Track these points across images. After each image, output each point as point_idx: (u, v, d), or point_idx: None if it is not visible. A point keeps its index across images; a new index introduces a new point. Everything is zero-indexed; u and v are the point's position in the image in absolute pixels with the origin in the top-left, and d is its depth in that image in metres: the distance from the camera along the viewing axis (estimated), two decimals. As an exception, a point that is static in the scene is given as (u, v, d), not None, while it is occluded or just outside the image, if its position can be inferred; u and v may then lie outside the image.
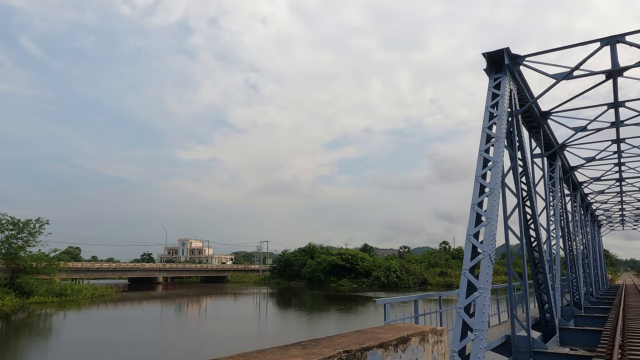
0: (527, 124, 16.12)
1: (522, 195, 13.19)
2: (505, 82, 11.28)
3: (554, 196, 18.82)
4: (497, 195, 9.18)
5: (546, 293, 13.90)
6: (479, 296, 7.71)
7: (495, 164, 9.55)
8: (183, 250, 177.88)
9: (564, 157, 21.33)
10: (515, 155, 11.93)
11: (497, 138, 10.06)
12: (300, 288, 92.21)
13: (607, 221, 46.64)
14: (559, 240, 18.29)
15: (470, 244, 8.49)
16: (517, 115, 12.08)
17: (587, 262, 31.39)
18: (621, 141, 19.06)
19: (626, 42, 10.66)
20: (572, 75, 11.43)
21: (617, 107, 15.13)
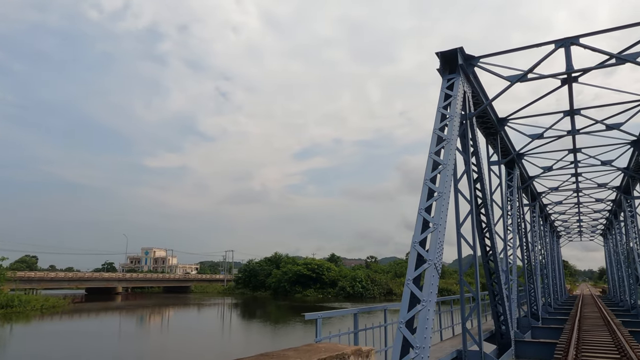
0: (484, 130, 15.77)
1: (477, 202, 12.71)
2: (459, 83, 10.78)
3: (512, 205, 18.55)
4: (446, 200, 8.56)
5: (501, 304, 13.42)
6: (421, 309, 7.01)
7: (445, 167, 8.95)
8: (146, 259, 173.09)
9: (523, 166, 21.19)
10: (469, 159, 11.42)
11: (448, 140, 9.49)
12: (265, 298, 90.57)
13: (566, 232, 47.43)
14: (516, 250, 17.97)
15: (416, 252, 7.81)
16: (471, 118, 11.60)
17: (545, 272, 31.52)
18: (577, 151, 19.01)
19: (580, 45, 10.33)
20: (526, 77, 11.04)
21: (572, 115, 14.95)
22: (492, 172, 15.99)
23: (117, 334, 36.09)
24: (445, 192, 8.63)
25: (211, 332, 36.83)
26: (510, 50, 11.30)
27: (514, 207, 18.51)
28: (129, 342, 31.02)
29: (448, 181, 8.86)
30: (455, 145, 9.70)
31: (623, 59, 9.97)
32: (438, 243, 7.87)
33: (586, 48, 10.27)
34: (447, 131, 9.72)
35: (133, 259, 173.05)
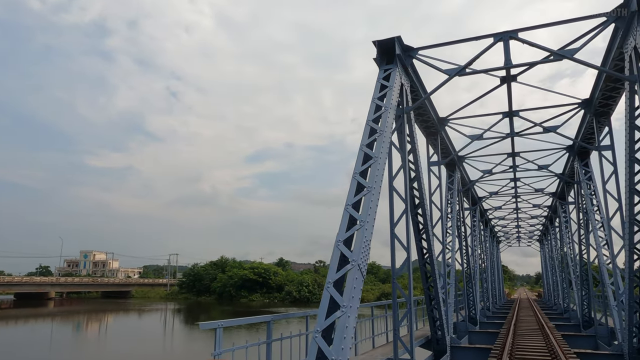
0: (424, 130, 15.35)
1: (413, 202, 12.15)
2: (396, 74, 10.15)
3: (452, 208, 18.29)
4: (376, 196, 7.83)
5: (438, 309, 12.91)
6: (341, 316, 6.18)
7: (377, 161, 8.23)
8: (85, 263, 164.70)
9: (464, 169, 21.11)
10: (406, 156, 10.81)
11: (381, 132, 8.79)
12: (209, 304, 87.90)
13: (505, 237, 48.73)
14: (455, 253, 17.68)
15: (339, 251, 7.00)
16: (408, 112, 11.01)
17: (485, 276, 31.92)
18: (516, 155, 19.06)
19: (519, 39, 9.98)
20: (465, 71, 10.58)
21: (511, 117, 14.78)
22: (432, 172, 15.59)
23: (36, 343, 33.25)
24: (375, 187, 7.90)
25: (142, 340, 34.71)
26: (449, 43, 10.83)
27: (454, 210, 18.24)
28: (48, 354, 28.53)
29: (379, 176, 8.14)
30: (389, 138, 9.03)
31: (560, 54, 9.68)
32: (364, 242, 7.10)
33: (524, 43, 9.92)
34: (380, 123, 9.03)
35: (71, 263, 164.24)
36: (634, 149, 9.87)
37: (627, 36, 9.14)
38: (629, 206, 10.32)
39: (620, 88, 11.91)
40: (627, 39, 9.17)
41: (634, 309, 11.10)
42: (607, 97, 12.64)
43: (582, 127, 15.18)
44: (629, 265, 10.74)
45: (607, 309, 15.82)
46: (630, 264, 10.70)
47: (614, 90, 12.21)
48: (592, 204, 16.54)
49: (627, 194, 10.29)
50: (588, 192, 16.86)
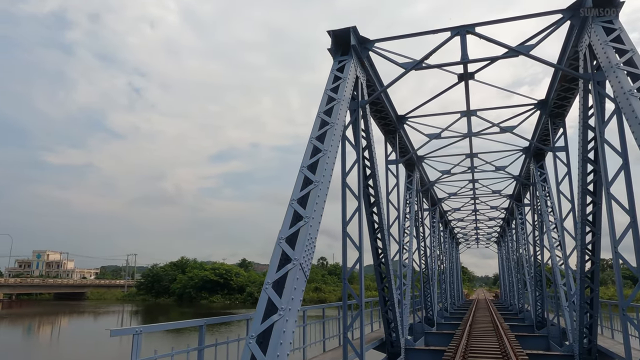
0: (383, 128, 15.04)
1: (369, 200, 11.76)
2: (351, 66, 9.73)
3: (411, 208, 18.09)
4: (324, 191, 7.35)
5: (392, 310, 12.58)
6: (278, 320, 5.66)
7: (326, 154, 7.76)
8: (38, 263, 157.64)
9: (423, 169, 21.00)
10: (360, 152, 10.39)
11: (332, 124, 8.33)
12: (168, 305, 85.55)
13: (465, 239, 49.47)
14: (412, 254, 17.48)
15: (280, 249, 6.47)
16: (363, 106, 10.61)
17: (443, 277, 32.11)
18: (474, 155, 19.07)
19: (476, 34, 9.75)
20: (421, 65, 10.27)
21: (469, 116, 14.67)
22: (389, 171, 15.30)
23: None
24: (324, 182, 7.42)
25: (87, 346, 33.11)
26: (405, 35, 10.50)
27: (412, 210, 18.04)
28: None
29: (328, 170, 7.67)
30: (340, 131, 8.58)
31: (517, 51, 9.50)
32: (308, 240, 6.60)
33: (481, 37, 9.70)
34: (332, 115, 8.56)
35: (22, 263, 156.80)
36: (587, 148, 9.81)
37: (582, 34, 9.03)
38: (581, 207, 10.28)
39: (575, 89, 11.92)
40: (582, 37, 9.07)
41: (584, 309, 11.09)
42: (562, 98, 12.66)
43: (537, 128, 15.24)
44: (581, 266, 10.71)
45: (560, 309, 15.96)
46: (582, 264, 10.67)
47: (568, 91, 12.22)
48: (546, 206, 16.68)
49: (579, 195, 10.24)
50: (543, 194, 16.99)
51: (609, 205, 8.34)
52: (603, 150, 8.59)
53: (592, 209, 10.15)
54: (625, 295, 8.27)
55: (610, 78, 7.51)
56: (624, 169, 8.15)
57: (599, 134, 8.76)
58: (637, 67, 7.21)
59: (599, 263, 10.70)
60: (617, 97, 7.26)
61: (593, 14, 8.50)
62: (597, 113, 8.75)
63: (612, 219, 8.26)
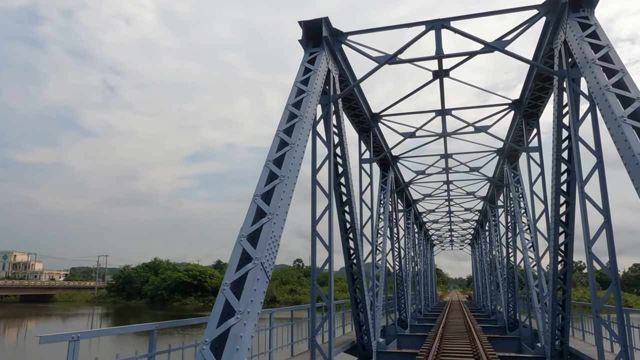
0: (357, 126, 14.72)
1: (341, 199, 11.40)
2: (322, 58, 9.35)
3: (385, 208, 17.82)
4: (290, 187, 6.94)
5: (364, 313, 12.24)
6: (235, 324, 5.21)
7: (293, 148, 7.35)
8: (4, 264, 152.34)
9: (398, 170, 20.79)
10: (332, 148, 10.01)
11: (301, 117, 7.93)
12: (140, 308, 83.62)
13: (439, 240, 49.71)
14: (386, 255, 17.21)
15: (241, 248, 6.02)
16: (335, 100, 10.25)
17: (418, 279, 32.05)
18: (449, 156, 18.95)
19: (451, 28, 9.50)
20: (395, 59, 9.96)
21: (444, 115, 14.47)
22: (363, 170, 14.98)
23: None
24: (290, 177, 7.01)
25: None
26: (380, 29, 10.19)
27: (386, 210, 17.78)
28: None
29: (295, 165, 7.26)
30: (309, 125, 8.18)
31: (492, 46, 9.28)
32: (271, 238, 6.17)
33: (457, 32, 9.45)
34: (301, 108, 8.16)
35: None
36: (561, 148, 9.67)
37: (558, 30, 8.87)
38: (554, 207, 10.14)
39: (549, 88, 11.81)
40: (557, 34, 8.90)
41: (556, 311, 10.96)
42: (536, 98, 12.56)
43: (512, 129, 15.15)
44: (553, 267, 10.57)
45: (532, 311, 15.90)
46: (555, 265, 10.53)
47: (542, 90, 12.11)
48: (519, 207, 16.63)
49: (553, 194, 10.10)
50: (516, 195, 16.96)
51: (583, 204, 8.17)
52: (577, 149, 8.43)
53: (566, 209, 10.01)
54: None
55: (586, 73, 7.32)
56: (598, 168, 7.99)
57: (573, 132, 8.59)
58: (613, 63, 7.04)
59: (572, 264, 10.57)
60: (593, 93, 7.07)
61: (569, 9, 8.33)
62: (572, 111, 8.59)
63: (586, 219, 8.09)
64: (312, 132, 9.85)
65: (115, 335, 35.49)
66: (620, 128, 6.06)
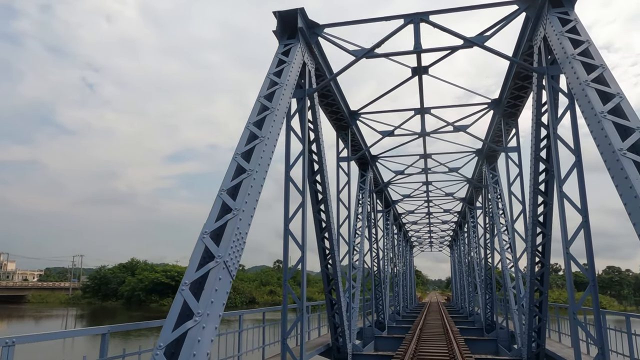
0: (335, 123, 14.42)
1: (316, 197, 11.08)
2: (297, 50, 9.01)
3: (363, 208, 17.55)
4: (258, 181, 6.57)
5: (339, 314, 11.93)
6: (193, 327, 4.82)
7: (263, 141, 6.98)
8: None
9: (377, 170, 20.56)
10: (306, 144, 9.67)
11: (272, 110, 7.57)
12: (116, 309, 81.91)
13: (419, 242, 49.76)
14: (363, 255, 16.93)
15: (203, 245, 5.64)
16: (311, 94, 9.91)
17: (397, 280, 31.91)
18: (428, 156, 18.79)
19: (430, 22, 9.27)
20: (373, 53, 9.68)
21: (423, 114, 14.27)
22: (341, 168, 14.69)
23: None
24: (259, 171, 6.64)
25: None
26: (358, 21, 9.91)
27: (364, 210, 17.51)
28: None
29: (265, 159, 6.90)
30: (282, 118, 7.82)
31: (471, 41, 9.07)
32: (236, 235, 5.80)
33: (435, 27, 9.22)
34: (273, 100, 7.80)
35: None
36: (539, 146, 9.52)
37: (537, 26, 8.69)
38: (532, 207, 9.99)
39: (528, 87, 11.69)
40: (537, 30, 8.73)
41: (533, 313, 10.81)
42: (515, 97, 12.43)
43: (491, 129, 15.05)
44: (531, 268, 10.41)
45: (509, 313, 15.81)
46: (532, 267, 10.38)
47: (521, 90, 11.99)
48: (497, 208, 16.54)
49: (531, 195, 9.95)
50: (494, 196, 16.87)
51: (562, 204, 7.99)
52: (556, 147, 8.25)
53: (544, 210, 9.87)
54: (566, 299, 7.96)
55: (566, 69, 7.13)
56: (576, 167, 7.83)
57: (552, 130, 8.43)
58: (593, 58, 6.86)
59: (549, 265, 10.44)
60: (573, 89, 6.88)
61: (549, 5, 8.15)
62: (551, 108, 8.42)
63: (564, 219, 7.91)
64: (286, 126, 9.52)
65: (91, 335, 34.51)
66: (600, 124, 5.86)
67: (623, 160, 5.30)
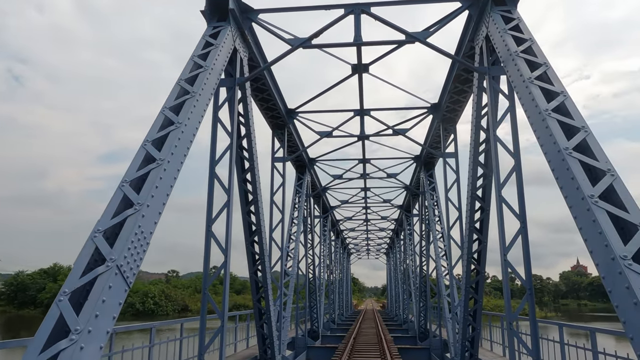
0: (271, 121, 13.65)
1: (246, 197, 10.22)
2: (227, 33, 8.16)
3: (299, 212, 16.85)
4: (170, 173, 5.66)
5: (268, 324, 11.09)
6: (67, 347, 3.84)
7: (179, 127, 6.08)
8: None
9: (315, 173, 19.97)
10: (234, 139, 8.80)
11: (193, 94, 6.67)
12: (33, 317, 75.72)
13: (356, 249, 49.83)
14: (297, 261, 16.20)
15: (93, 246, 4.65)
16: (242, 84, 9.07)
17: (333, 288, 31.46)
18: (367, 161, 18.45)
19: (371, 15, 8.76)
20: (310, 43, 9.03)
21: (362, 115, 13.83)
22: (275, 169, 13.91)
23: None
24: (172, 161, 5.73)
25: None
26: (295, 9, 9.26)
27: (300, 215, 16.81)
28: None
29: (180, 147, 6.00)
30: (204, 105, 6.94)
31: (413, 37, 8.65)
32: (137, 235, 4.86)
33: (377, 19, 8.73)
34: (195, 84, 6.91)
35: None
36: (478, 150, 9.25)
37: (480, 25, 8.41)
38: (469, 213, 9.70)
39: (467, 92, 11.52)
40: (480, 29, 8.45)
41: (467, 321, 10.53)
42: (455, 102, 12.26)
43: (430, 134, 14.87)
44: (466, 276, 10.12)
45: (442, 321, 15.65)
46: (467, 274, 10.08)
47: (461, 94, 11.81)
48: (434, 215, 16.41)
49: (468, 200, 9.66)
50: (431, 203, 16.75)
51: (500, 209, 7.68)
52: (496, 150, 7.96)
53: (480, 216, 9.61)
54: (496, 306, 7.67)
55: (509, 67, 6.81)
56: (515, 170, 7.56)
57: (492, 132, 8.14)
58: (537, 56, 6.57)
59: (484, 273, 10.20)
60: (516, 87, 6.56)
61: (492, 3, 7.87)
62: (491, 110, 8.14)
63: (502, 224, 7.59)
64: (213, 117, 8.63)
65: None
66: (545, 122, 5.50)
67: (569, 160, 4.93)
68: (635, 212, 4.30)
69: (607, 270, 4.09)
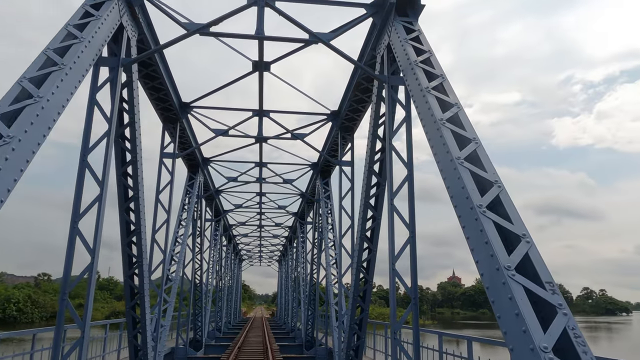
0: (162, 113, 12.62)
1: (125, 193, 9.20)
2: (113, 5, 7.24)
3: (189, 214, 15.84)
4: (21, 155, 4.71)
5: (143, 334, 10.06)
6: None
7: (39, 103, 5.11)
8: None
9: (209, 175, 19.04)
10: (113, 125, 7.81)
11: (62, 67, 5.72)
12: None
13: (248, 255, 48.88)
14: (183, 266, 15.17)
15: None
16: (127, 65, 8.13)
17: (221, 294, 30.33)
18: (264, 165, 18.01)
19: (275, 9, 8.38)
20: (208, 31, 8.39)
21: (261, 116, 13.38)
22: (164, 165, 12.87)
23: None
24: (24, 139, 4.78)
25: None
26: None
27: (189, 216, 15.81)
28: None
29: (39, 126, 5.06)
30: (74, 81, 5.99)
31: (317, 37, 8.43)
32: None
33: (281, 14, 8.37)
34: (67, 56, 5.95)
35: None
36: (373, 159, 9.28)
37: (382, 34, 8.43)
38: (361, 221, 9.69)
39: (367, 101, 11.62)
40: (382, 37, 8.47)
41: (353, 330, 10.48)
42: (354, 110, 12.33)
43: (328, 141, 14.86)
44: (355, 284, 10.07)
45: (329, 329, 15.63)
46: (356, 283, 10.04)
47: (360, 103, 11.90)
48: (327, 222, 16.41)
49: (361, 208, 9.64)
50: (325, 211, 16.74)
51: (391, 218, 7.68)
52: (391, 159, 7.99)
53: (372, 224, 9.63)
54: (380, 314, 7.69)
55: (408, 75, 6.84)
56: (408, 180, 7.63)
57: (388, 141, 8.17)
58: (434, 68, 6.67)
59: (372, 282, 10.25)
60: (413, 95, 6.58)
61: (395, 12, 7.92)
62: (389, 119, 8.17)
63: (392, 233, 7.59)
64: (89, 99, 7.59)
65: None
66: (440, 131, 5.52)
67: (460, 170, 4.94)
68: (519, 223, 4.38)
69: (491, 281, 4.07)
